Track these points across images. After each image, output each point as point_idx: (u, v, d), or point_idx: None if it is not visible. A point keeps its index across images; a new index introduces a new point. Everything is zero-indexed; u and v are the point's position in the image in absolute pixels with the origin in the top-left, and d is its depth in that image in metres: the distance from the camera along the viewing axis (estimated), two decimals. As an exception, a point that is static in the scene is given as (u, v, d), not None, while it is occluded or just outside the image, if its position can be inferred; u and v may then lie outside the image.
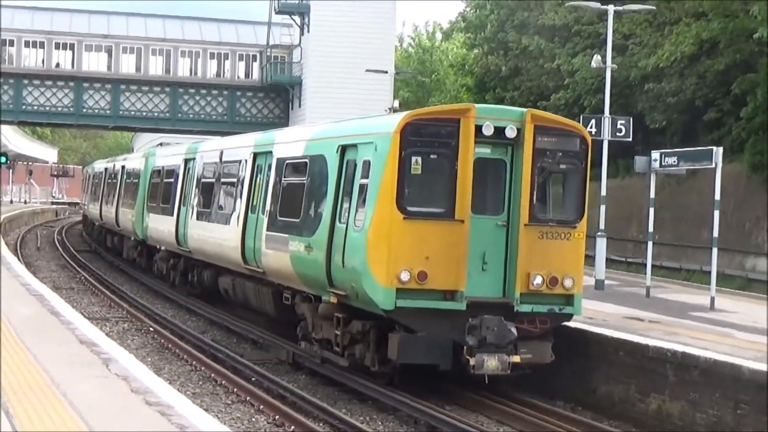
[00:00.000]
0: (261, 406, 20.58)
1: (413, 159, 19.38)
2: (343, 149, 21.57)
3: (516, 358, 19.44)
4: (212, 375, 24.28)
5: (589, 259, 29.59)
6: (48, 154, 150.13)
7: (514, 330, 19.20)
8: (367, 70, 58.03)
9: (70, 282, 45.20)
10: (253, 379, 23.35)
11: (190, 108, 70.01)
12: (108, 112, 69.36)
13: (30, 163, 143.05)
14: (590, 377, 21.60)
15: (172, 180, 39.45)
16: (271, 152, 27.19)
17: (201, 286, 35.25)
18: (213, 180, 33.61)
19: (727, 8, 44.72)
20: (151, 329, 32.20)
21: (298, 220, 23.69)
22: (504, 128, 19.65)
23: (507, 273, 20.32)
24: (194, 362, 26.08)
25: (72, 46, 68.49)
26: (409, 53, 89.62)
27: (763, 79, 42.99)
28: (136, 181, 46.15)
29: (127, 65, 69.13)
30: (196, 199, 35.10)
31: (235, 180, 30.70)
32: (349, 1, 64.09)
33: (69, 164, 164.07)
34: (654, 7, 43.97)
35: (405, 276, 18.86)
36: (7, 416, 11.89)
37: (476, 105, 20.39)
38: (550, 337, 20.63)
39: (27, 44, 67.06)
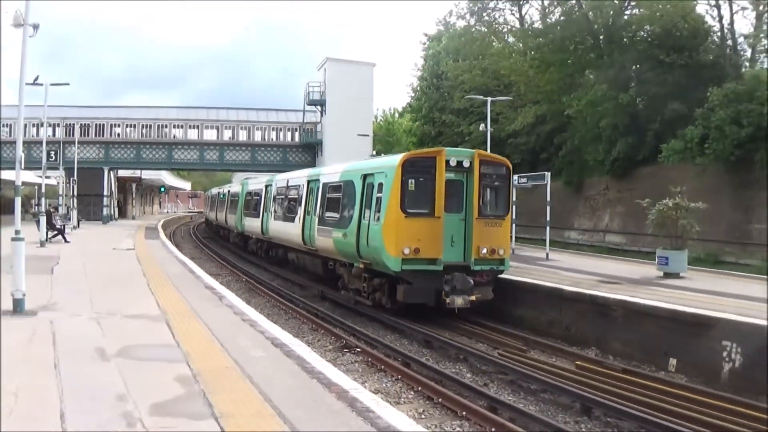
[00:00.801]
0: (304, 320, 30.99)
1: (409, 181, 29.02)
2: (365, 176, 31.91)
3: (473, 298, 28.78)
4: (278, 303, 35.44)
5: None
6: (185, 185, 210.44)
7: (471, 281, 28.73)
8: (358, 134, 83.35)
9: (200, 254, 64.56)
10: (300, 305, 34.41)
11: (262, 158, 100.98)
12: (217, 161, 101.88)
13: (176, 191, 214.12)
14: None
15: (258, 197, 55.94)
16: (318, 179, 39.09)
17: (276, 257, 51.30)
18: (283, 197, 47.10)
19: (550, 98, 69.74)
20: (243, 279, 44.86)
21: (338, 218, 34.47)
22: (462, 161, 29.46)
23: (465, 247, 29.80)
24: (269, 297, 37.64)
25: (197, 126, 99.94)
26: (380, 124, 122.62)
27: (569, 137, 68.49)
28: (236, 198, 67.41)
29: (227, 136, 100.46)
30: (273, 207, 49.58)
31: (297, 196, 43.17)
32: (344, 98, 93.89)
33: (197, 190, 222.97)
34: (512, 98, 69.59)
35: (407, 251, 28.38)
36: (169, 328, 19.89)
37: (445, 148, 30.97)
38: (492, 284, 30.26)
39: (174, 126, 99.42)
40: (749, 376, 20.38)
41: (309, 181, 41.09)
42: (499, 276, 31.12)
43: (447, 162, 29.23)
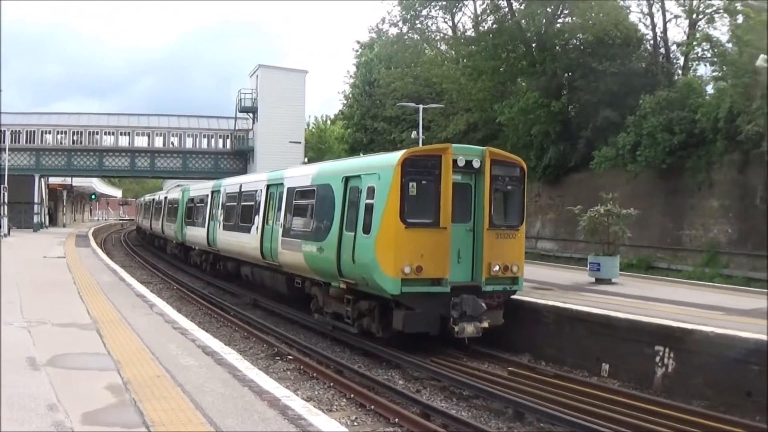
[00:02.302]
0: (236, 328, 30.99)
1: (410, 184, 24.07)
2: (347, 179, 26.82)
3: (485, 324, 24.30)
4: (210, 311, 35.42)
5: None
6: (116, 192, 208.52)
7: (483, 305, 24.15)
8: (290, 141, 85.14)
9: (131, 262, 63.36)
10: (232, 313, 34.48)
11: (193, 165, 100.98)
12: (148, 168, 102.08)
13: (107, 198, 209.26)
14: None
15: (203, 204, 50.78)
16: (282, 183, 34.01)
17: (225, 271, 45.81)
18: (234, 204, 41.95)
19: (482, 106, 70.67)
20: (175, 287, 44.62)
21: (309, 230, 29.48)
22: (471, 161, 24.84)
23: (474, 264, 25.29)
24: (200, 305, 37.49)
25: (128, 133, 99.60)
26: (313, 132, 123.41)
27: (501, 144, 64.46)
28: (175, 206, 62.02)
29: (158, 143, 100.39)
30: (222, 215, 44.46)
31: (253, 203, 38.08)
32: (276, 105, 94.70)
33: (128, 197, 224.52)
34: (443, 105, 71.43)
35: (407, 270, 23.62)
36: (100, 336, 19.94)
37: (452, 145, 25.31)
38: (502, 306, 25.63)
39: (105, 133, 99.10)
40: (682, 380, 20.67)
41: (269, 186, 36.08)
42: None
43: (454, 161, 24.60)
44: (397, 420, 18.10)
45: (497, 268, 25.33)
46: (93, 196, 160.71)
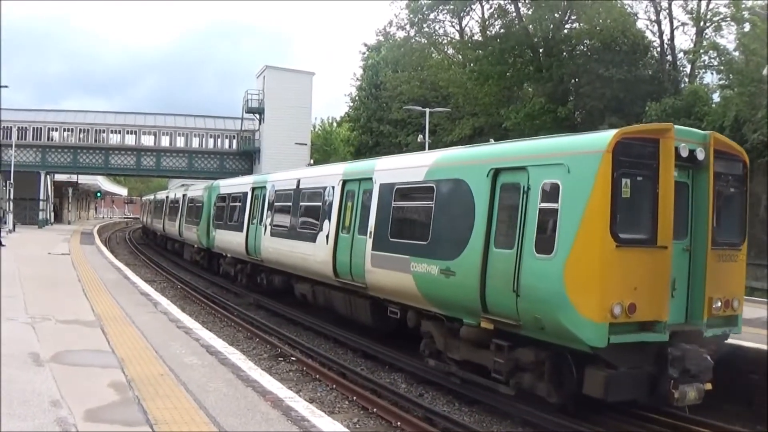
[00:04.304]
0: (239, 329, 30.87)
1: (623, 181, 16.68)
2: (497, 173, 18.99)
3: (708, 386, 17.23)
4: (213, 311, 35.39)
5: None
6: (121, 190, 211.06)
7: (710, 359, 17.13)
8: (296, 143, 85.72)
9: (135, 260, 63.00)
10: (235, 313, 34.35)
11: (199, 165, 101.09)
12: (153, 167, 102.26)
13: (112, 196, 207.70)
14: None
15: (240, 204, 41.80)
16: (371, 179, 25.67)
17: (269, 286, 37.12)
18: (288, 204, 33.71)
19: (488, 111, 69.84)
20: (179, 286, 44.66)
21: (425, 243, 21.53)
22: (694, 150, 17.60)
23: (691, 298, 18.06)
24: (204, 304, 37.51)
25: (135, 132, 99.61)
26: (318, 133, 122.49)
27: None
28: (198, 205, 53.43)
29: (164, 142, 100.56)
30: (270, 218, 35.81)
31: (321, 203, 29.65)
32: (283, 106, 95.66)
33: (134, 196, 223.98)
34: (450, 109, 70.89)
35: (617, 309, 16.16)
36: (104, 333, 19.74)
37: (673, 125, 17.77)
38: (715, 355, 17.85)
39: (112, 131, 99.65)
40: None
41: (346, 182, 28.35)
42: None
43: (675, 150, 17.27)
44: (399, 423, 18.07)
45: (719, 304, 18.05)
46: (98, 194, 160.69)
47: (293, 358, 25.02)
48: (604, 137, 16.93)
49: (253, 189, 39.80)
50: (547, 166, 17.70)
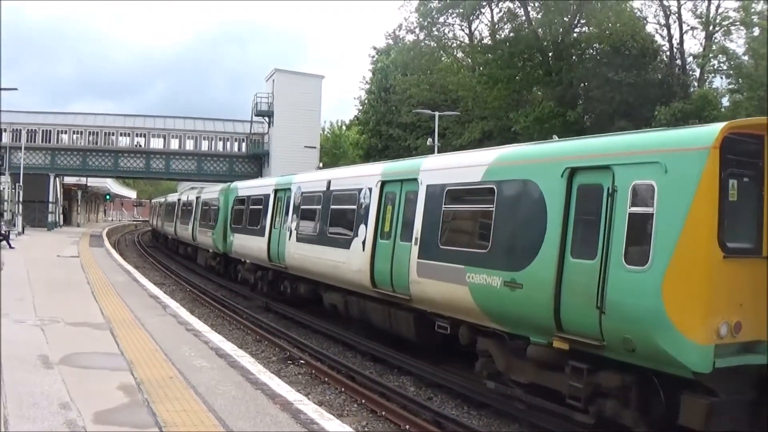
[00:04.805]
0: (248, 331, 30.78)
1: (730, 183, 14.92)
2: (573, 173, 16.75)
3: None
4: (222, 314, 35.26)
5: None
6: (131, 193, 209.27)
7: None
8: (305, 146, 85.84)
9: (144, 263, 62.56)
10: (244, 315, 34.14)
11: (208, 168, 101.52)
12: (163, 170, 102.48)
13: (122, 199, 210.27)
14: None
15: (258, 208, 39.47)
16: (416, 180, 23.25)
17: (294, 294, 34.70)
18: (317, 207, 31.16)
19: (497, 114, 69.63)
20: (187, 289, 44.26)
21: (484, 251, 19.06)
22: None
23: None
24: (213, 307, 37.39)
25: (144, 135, 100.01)
26: (328, 137, 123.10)
27: None
28: (215, 208, 50.18)
29: (174, 145, 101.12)
30: (293, 222, 33.34)
31: (352, 207, 27.48)
32: (292, 110, 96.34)
33: (142, 199, 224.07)
34: (459, 113, 70.87)
35: (724, 329, 14.36)
36: (113, 336, 20.13)
37: None
38: None
39: (121, 134, 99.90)
40: None
41: (384, 183, 25.81)
42: None
43: None
44: (408, 427, 17.98)
45: None
46: (108, 197, 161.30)
47: (302, 361, 24.90)
48: (709, 132, 14.92)
49: (276, 191, 37.09)
50: (638, 165, 15.52)
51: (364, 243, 25.70)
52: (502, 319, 18.60)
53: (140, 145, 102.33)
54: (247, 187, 45.44)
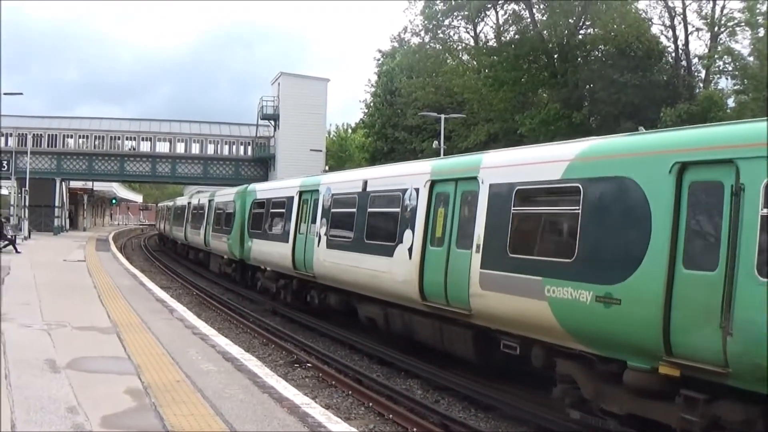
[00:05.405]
0: (255, 335, 30.69)
1: None
2: (683, 167, 14.21)
3: None
4: (229, 317, 35.27)
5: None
6: (137, 197, 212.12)
7: None
8: (311, 149, 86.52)
9: (150, 267, 62.65)
10: (251, 319, 34.08)
11: (214, 171, 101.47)
12: (169, 174, 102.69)
13: (128, 203, 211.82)
14: None
15: (280, 211, 36.83)
16: (474, 178, 20.43)
17: (321, 304, 32.35)
18: (351, 210, 28.30)
19: (503, 117, 69.82)
20: (194, 293, 44.40)
21: (568, 261, 16.37)
22: None
23: None
24: (219, 311, 37.42)
25: (150, 138, 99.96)
26: (333, 140, 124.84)
27: None
28: (230, 212, 47.27)
29: (180, 149, 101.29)
30: (325, 228, 30.30)
31: (395, 210, 24.74)
32: (297, 113, 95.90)
33: (149, 202, 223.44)
34: (465, 115, 70.65)
35: None
36: (120, 340, 20.17)
37: None
38: None
39: (127, 138, 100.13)
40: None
41: (434, 183, 22.97)
42: None
43: None
44: (415, 430, 17.90)
45: None
46: (114, 201, 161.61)
47: (309, 365, 24.84)
48: None
49: (301, 193, 34.28)
50: None
51: (410, 250, 23.06)
52: (593, 339, 15.87)
53: (132, 148, 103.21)
54: (267, 189, 42.87)
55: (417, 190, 23.31)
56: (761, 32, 52.66)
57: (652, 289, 14.00)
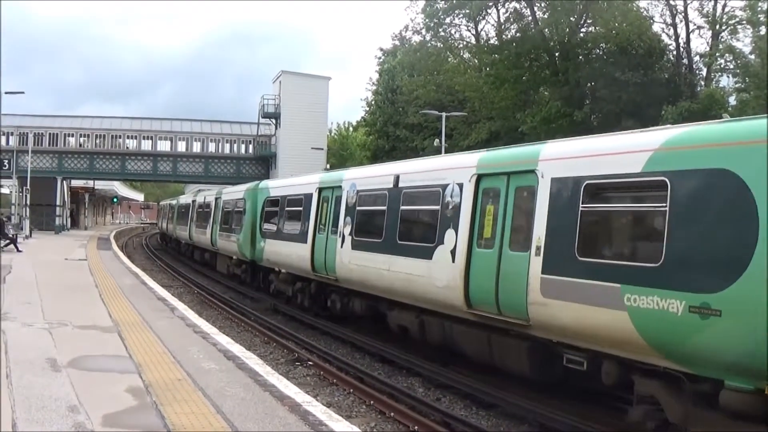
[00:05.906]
0: (256, 333, 30.58)
1: None
2: None
3: None
4: (230, 316, 35.21)
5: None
6: (138, 196, 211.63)
7: None
8: (312, 148, 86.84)
9: (152, 266, 62.67)
10: (252, 318, 34.02)
11: (215, 170, 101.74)
12: (170, 173, 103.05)
13: (129, 201, 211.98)
14: None
15: (296, 209, 34.66)
16: (532, 171, 17.99)
17: (345, 311, 30.16)
18: (381, 209, 25.79)
19: (504, 115, 69.80)
20: (195, 291, 44.32)
21: (654, 265, 14.17)
22: None
23: None
24: (221, 309, 37.34)
25: (151, 137, 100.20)
26: (335, 138, 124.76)
27: None
28: (239, 210, 45.32)
29: (181, 147, 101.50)
30: (351, 227, 27.96)
31: (434, 208, 22.28)
32: (299, 111, 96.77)
33: (150, 201, 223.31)
34: (466, 113, 70.85)
35: None
36: (121, 339, 20.06)
37: None
38: None
39: (128, 137, 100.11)
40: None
41: (481, 177, 20.48)
42: None
43: None
44: (416, 428, 17.85)
45: None
46: (115, 200, 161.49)
47: (310, 363, 24.79)
48: None
49: (321, 190, 31.95)
50: None
51: (453, 252, 20.58)
52: (684, 355, 13.72)
53: (126, 148, 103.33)
54: (281, 186, 39.91)
55: (460, 185, 20.99)
56: (762, 30, 52.71)
57: (760, 298, 11.99)
